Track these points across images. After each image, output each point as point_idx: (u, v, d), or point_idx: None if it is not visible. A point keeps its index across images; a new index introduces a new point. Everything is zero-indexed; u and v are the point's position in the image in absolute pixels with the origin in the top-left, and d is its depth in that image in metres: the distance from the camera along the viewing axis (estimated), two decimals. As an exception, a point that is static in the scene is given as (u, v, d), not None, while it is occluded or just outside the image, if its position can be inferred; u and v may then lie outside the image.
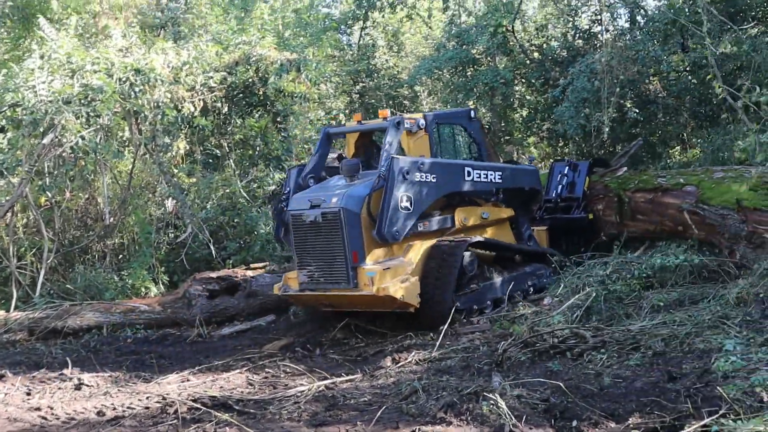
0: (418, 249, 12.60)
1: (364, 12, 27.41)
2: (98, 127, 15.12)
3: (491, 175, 13.79)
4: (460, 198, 13.69)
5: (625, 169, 16.64)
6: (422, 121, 13.29)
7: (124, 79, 15.26)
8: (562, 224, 16.09)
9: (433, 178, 12.59)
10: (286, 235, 13.21)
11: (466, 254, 12.69)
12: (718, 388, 7.49)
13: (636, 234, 15.50)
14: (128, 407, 9.35)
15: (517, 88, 24.59)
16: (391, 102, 27.50)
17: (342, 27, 29.37)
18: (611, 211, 15.96)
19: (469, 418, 7.58)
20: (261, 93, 18.26)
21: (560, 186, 16.48)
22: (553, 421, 7.54)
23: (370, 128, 14.04)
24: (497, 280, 13.47)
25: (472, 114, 14.48)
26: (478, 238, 13.31)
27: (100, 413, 9.25)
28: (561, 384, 8.32)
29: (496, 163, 14.79)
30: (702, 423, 6.72)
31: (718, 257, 13.36)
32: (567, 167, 16.71)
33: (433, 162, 12.81)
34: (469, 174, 13.27)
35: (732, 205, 13.51)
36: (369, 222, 11.96)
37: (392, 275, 11.95)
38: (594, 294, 11.84)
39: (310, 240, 12.31)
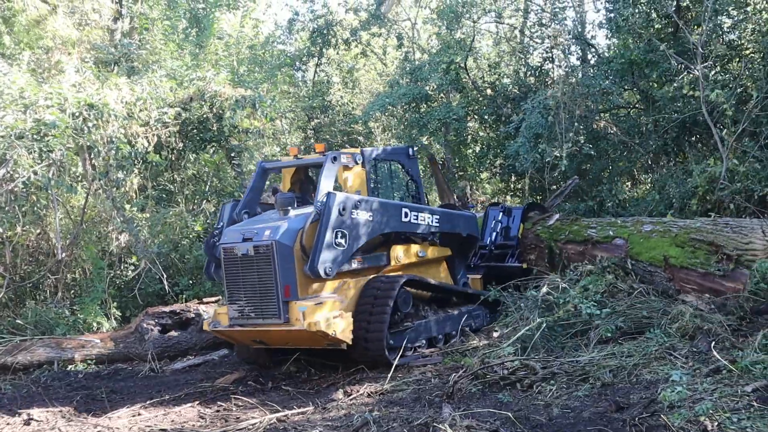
0: (352, 285, 12.39)
1: (318, 49, 27.66)
2: (51, 162, 15.04)
3: (429, 218, 13.60)
4: (396, 235, 13.40)
5: (557, 216, 16.07)
6: (359, 157, 13.19)
7: (77, 114, 15.22)
8: (497, 273, 15.42)
9: (370, 216, 12.40)
10: (216, 271, 12.93)
11: (401, 292, 12.51)
12: (662, 417, 7.65)
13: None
14: (78, 442, 9.32)
15: (470, 124, 24.88)
16: (345, 138, 27.66)
17: (297, 63, 29.55)
18: (543, 261, 15.54)
19: (419, 449, 7.67)
20: (215, 129, 18.27)
21: (494, 233, 16.10)
22: (502, 450, 7.64)
23: (306, 163, 13.85)
24: (432, 319, 13.33)
25: (411, 152, 14.37)
26: (413, 276, 13.13)
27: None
28: (510, 414, 8.44)
29: (433, 207, 14.47)
30: (646, 451, 6.86)
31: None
32: (501, 212, 16.35)
33: (370, 200, 12.58)
34: (406, 215, 13.12)
35: (659, 262, 13.19)
36: (302, 256, 11.71)
37: (324, 310, 11.63)
38: (543, 324, 11.93)
39: (241, 274, 12.00)
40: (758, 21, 17.75)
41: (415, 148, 14.44)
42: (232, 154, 19.21)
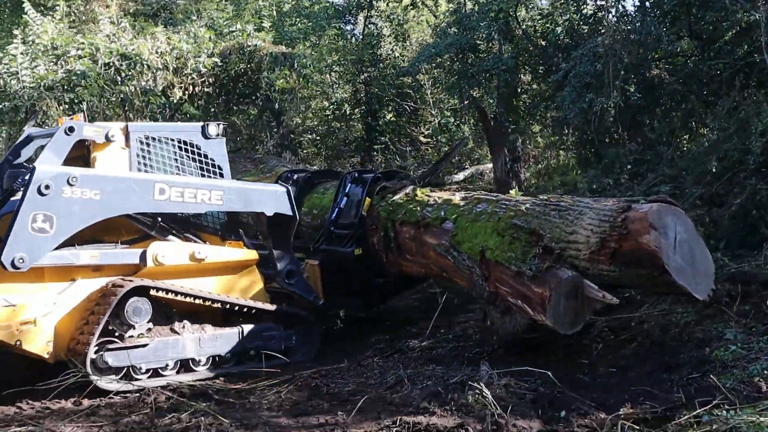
0: (83, 288, 9.92)
1: (368, 1, 27.23)
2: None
3: (204, 195, 10.46)
4: (167, 229, 10.65)
5: (410, 188, 12.40)
6: (114, 133, 10.39)
7: (109, 65, 14.91)
8: (335, 259, 12.42)
9: (95, 194, 9.64)
10: None
11: (133, 300, 9.86)
12: (712, 377, 7.17)
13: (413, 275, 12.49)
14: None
15: (520, 76, 24.24)
16: (395, 91, 27.23)
17: (346, 15, 29.10)
18: (382, 246, 12.27)
19: (453, 408, 7.35)
20: (251, 84, 17.86)
21: (337, 208, 12.89)
22: (540, 411, 7.28)
23: None
24: (190, 336, 10.32)
25: (211, 130, 11.13)
26: (144, 282, 10.02)
27: (76, 403, 9.01)
28: (550, 374, 8.02)
29: (220, 181, 11.03)
30: (694, 413, 6.42)
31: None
32: (351, 183, 13.04)
33: (94, 175, 9.84)
34: (162, 192, 10.13)
35: (476, 255, 9.95)
36: None
37: (16, 315, 9.39)
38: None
39: None
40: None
41: (220, 126, 11.43)
42: (269, 108, 18.88)
